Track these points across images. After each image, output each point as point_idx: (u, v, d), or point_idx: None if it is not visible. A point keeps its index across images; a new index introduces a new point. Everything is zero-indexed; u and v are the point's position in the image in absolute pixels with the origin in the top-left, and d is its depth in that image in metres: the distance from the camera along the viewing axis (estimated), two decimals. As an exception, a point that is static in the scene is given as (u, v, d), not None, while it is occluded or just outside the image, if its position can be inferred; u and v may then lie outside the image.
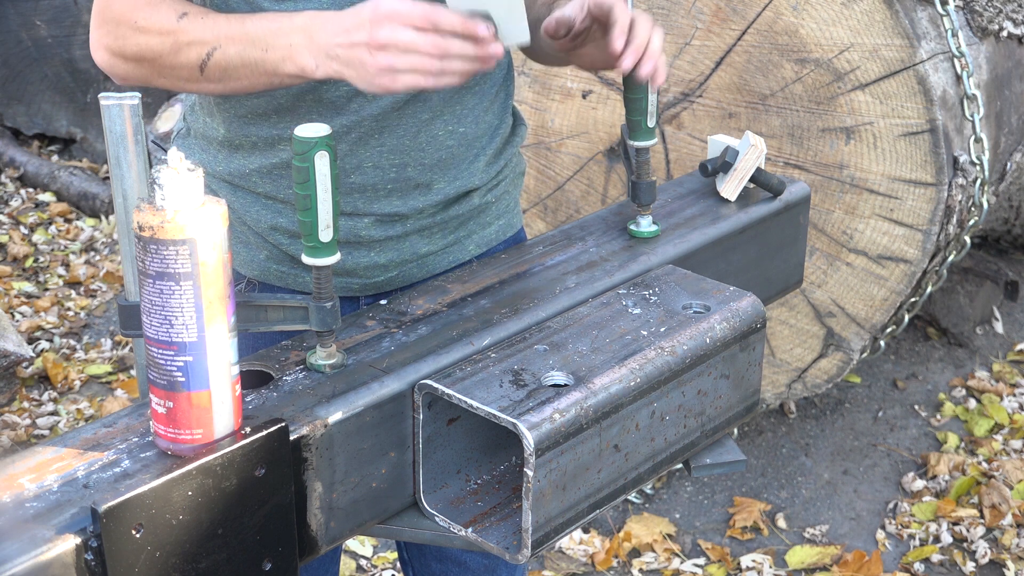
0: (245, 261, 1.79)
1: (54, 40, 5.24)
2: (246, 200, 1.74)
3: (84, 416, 3.72)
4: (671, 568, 3.13)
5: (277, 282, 1.79)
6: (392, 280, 1.78)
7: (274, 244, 1.75)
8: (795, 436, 3.61)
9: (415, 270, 1.78)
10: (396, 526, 1.50)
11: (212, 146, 1.76)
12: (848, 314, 3.13)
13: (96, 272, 4.55)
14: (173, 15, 1.57)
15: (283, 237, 1.74)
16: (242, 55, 1.54)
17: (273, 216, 1.73)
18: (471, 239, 1.82)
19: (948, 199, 3.00)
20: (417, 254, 1.77)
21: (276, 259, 1.77)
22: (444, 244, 1.79)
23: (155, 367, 1.27)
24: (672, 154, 3.16)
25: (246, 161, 1.72)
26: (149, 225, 1.22)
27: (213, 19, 1.57)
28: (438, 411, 1.47)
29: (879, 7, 2.90)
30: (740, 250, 1.87)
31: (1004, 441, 3.61)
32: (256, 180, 1.72)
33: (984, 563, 3.15)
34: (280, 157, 1.70)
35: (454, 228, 1.80)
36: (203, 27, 1.56)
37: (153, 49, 1.59)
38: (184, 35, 1.57)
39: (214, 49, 1.55)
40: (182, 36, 1.57)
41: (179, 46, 1.57)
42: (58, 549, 1.18)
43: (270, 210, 1.73)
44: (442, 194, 1.75)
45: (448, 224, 1.78)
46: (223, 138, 1.73)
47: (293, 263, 1.76)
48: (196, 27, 1.56)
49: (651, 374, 1.48)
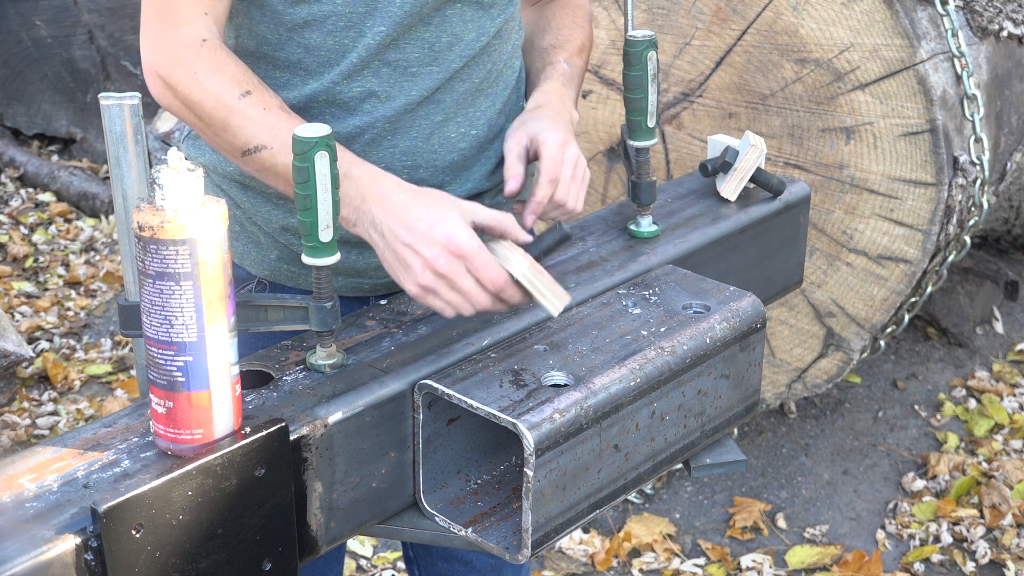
0: (256, 261, 1.79)
1: (54, 40, 5.24)
2: (257, 200, 1.73)
3: (84, 416, 3.72)
4: (671, 568, 3.13)
5: (288, 282, 1.79)
6: None
7: (284, 244, 1.75)
8: (795, 436, 3.61)
9: None
10: (396, 526, 1.50)
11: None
12: (848, 314, 3.13)
13: (96, 272, 4.55)
14: (236, 89, 1.53)
15: (294, 237, 1.74)
16: (289, 170, 1.44)
17: (284, 216, 1.73)
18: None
19: (948, 199, 3.00)
20: None
21: (287, 259, 1.77)
22: None
23: (155, 367, 1.27)
24: (672, 154, 3.16)
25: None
26: (149, 225, 1.22)
27: (275, 115, 1.53)
28: (438, 411, 1.47)
29: (879, 7, 2.90)
30: (740, 250, 1.87)
31: (1004, 441, 3.60)
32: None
33: (984, 563, 3.15)
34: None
35: None
36: (262, 120, 1.52)
37: (205, 110, 1.54)
38: (239, 118, 1.53)
39: (265, 148, 1.53)
40: (237, 118, 1.53)
41: (231, 126, 1.53)
42: (58, 549, 1.18)
43: (281, 210, 1.73)
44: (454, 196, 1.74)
45: None
46: None
47: (303, 263, 1.76)
48: (254, 117, 1.52)
49: (651, 374, 1.48)
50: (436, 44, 1.67)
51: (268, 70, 1.67)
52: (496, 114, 1.76)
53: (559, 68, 1.79)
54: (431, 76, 1.67)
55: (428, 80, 1.67)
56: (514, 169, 1.65)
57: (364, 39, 1.63)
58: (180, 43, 1.54)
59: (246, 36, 1.68)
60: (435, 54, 1.67)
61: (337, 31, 1.63)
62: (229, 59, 1.55)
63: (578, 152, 1.67)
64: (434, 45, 1.66)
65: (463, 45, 1.68)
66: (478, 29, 1.69)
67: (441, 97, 1.69)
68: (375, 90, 1.66)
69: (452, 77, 1.69)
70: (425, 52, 1.66)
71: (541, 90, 1.75)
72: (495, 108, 1.76)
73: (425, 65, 1.67)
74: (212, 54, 1.54)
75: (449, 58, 1.68)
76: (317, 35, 1.63)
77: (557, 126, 1.66)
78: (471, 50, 1.69)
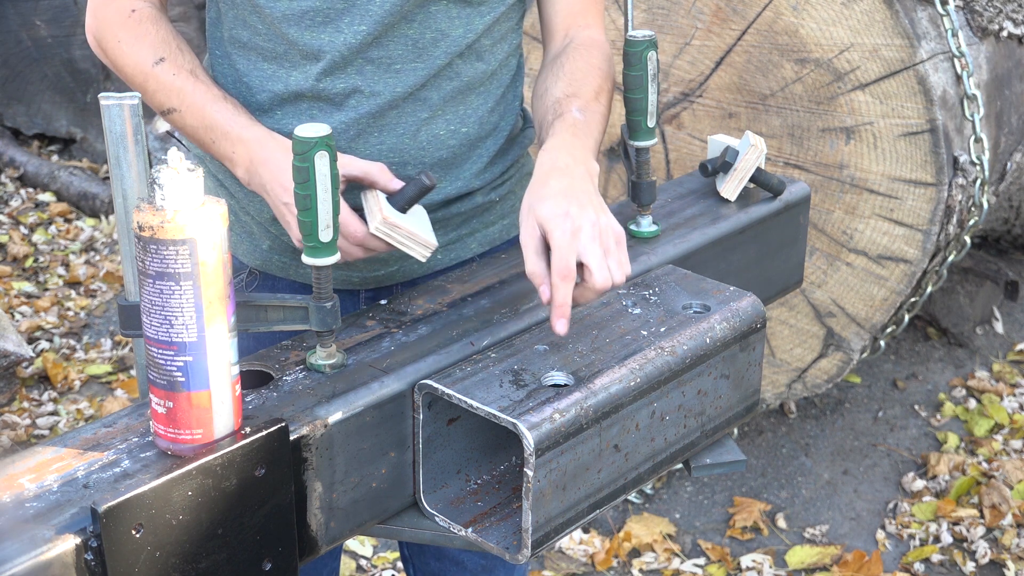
0: (248, 251, 1.80)
1: (54, 40, 5.24)
2: (249, 192, 1.74)
3: (84, 416, 3.72)
4: (671, 568, 3.13)
5: (279, 272, 1.79)
6: (392, 275, 1.78)
7: (276, 234, 1.76)
8: (795, 436, 3.61)
9: (416, 265, 1.78)
10: (396, 526, 1.50)
11: None
12: (848, 314, 3.13)
13: (96, 272, 4.55)
14: (151, 56, 1.66)
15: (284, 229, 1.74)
16: (196, 132, 1.66)
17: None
18: (473, 237, 1.82)
19: (948, 199, 3.00)
20: None
21: (278, 250, 1.78)
22: (446, 241, 1.79)
23: (155, 367, 1.27)
24: (672, 154, 3.15)
25: None
26: (149, 225, 1.22)
27: (183, 81, 1.65)
28: (438, 411, 1.47)
29: (879, 7, 2.90)
30: (740, 250, 1.87)
31: (1004, 441, 3.60)
32: None
33: (984, 563, 3.15)
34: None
35: (456, 225, 1.80)
36: (171, 85, 1.65)
37: (127, 74, 1.69)
38: (154, 82, 1.66)
39: (175, 111, 1.66)
40: (152, 83, 1.66)
41: (147, 89, 1.66)
42: (58, 549, 1.18)
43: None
44: (443, 193, 1.75)
45: (450, 221, 1.78)
46: None
47: (295, 254, 1.77)
48: (166, 81, 1.65)
49: (651, 374, 1.48)
50: (420, 41, 1.66)
51: (257, 61, 1.69)
52: (488, 112, 1.76)
53: (569, 119, 1.63)
54: (415, 73, 1.67)
55: (412, 76, 1.67)
56: (536, 272, 1.48)
57: (342, 36, 1.64)
58: (112, 11, 1.69)
59: (241, 27, 1.70)
60: (419, 51, 1.67)
61: (315, 26, 1.64)
62: (153, 28, 1.67)
63: (592, 226, 1.48)
64: (418, 42, 1.66)
65: (449, 42, 1.68)
66: (465, 26, 1.69)
67: (427, 94, 1.69)
68: (359, 86, 1.66)
69: (438, 74, 1.69)
70: (409, 49, 1.66)
71: (549, 147, 1.59)
72: (487, 106, 1.75)
73: (409, 62, 1.67)
74: (137, 24, 1.67)
75: (434, 55, 1.67)
76: (296, 30, 1.65)
77: (567, 204, 1.48)
78: (457, 47, 1.69)
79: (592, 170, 1.57)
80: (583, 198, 1.49)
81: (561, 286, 1.45)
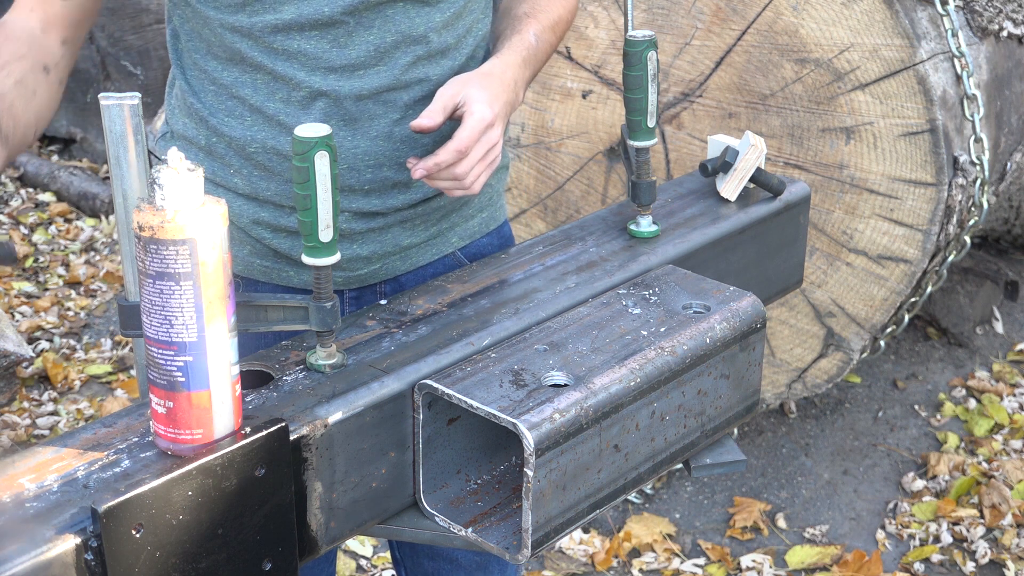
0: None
1: (54, 40, 5.24)
2: (227, 196, 1.73)
3: (84, 416, 3.72)
4: (671, 568, 3.13)
5: (261, 277, 1.78)
6: (375, 273, 1.78)
7: (256, 239, 1.75)
8: (795, 436, 3.61)
9: (398, 262, 1.78)
10: (396, 526, 1.50)
11: (192, 147, 1.75)
12: (848, 314, 3.13)
13: (96, 272, 4.55)
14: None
15: (265, 231, 1.73)
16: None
17: (255, 210, 1.72)
18: (454, 231, 1.82)
19: (948, 199, 3.00)
20: (399, 246, 1.77)
21: (259, 254, 1.76)
22: (427, 236, 1.79)
23: (155, 367, 1.27)
24: (672, 154, 3.16)
25: (223, 162, 1.72)
26: (149, 225, 1.22)
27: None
28: (438, 411, 1.47)
29: (879, 7, 2.90)
30: (740, 250, 1.87)
31: (1004, 441, 3.61)
32: (237, 181, 1.72)
33: (984, 563, 3.15)
34: (255, 159, 1.69)
35: (436, 220, 1.79)
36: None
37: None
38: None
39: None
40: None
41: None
42: (58, 549, 1.18)
43: (251, 204, 1.72)
44: (421, 192, 1.74)
45: (430, 216, 1.78)
46: (203, 140, 1.73)
47: (276, 257, 1.76)
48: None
49: (651, 374, 1.48)
50: (381, 45, 1.66)
51: (240, 74, 1.68)
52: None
53: (526, 40, 1.72)
54: (379, 76, 1.66)
55: (377, 79, 1.66)
56: (433, 111, 1.59)
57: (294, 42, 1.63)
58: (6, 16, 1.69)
59: (218, 47, 1.68)
60: (381, 55, 1.66)
61: (265, 35, 1.63)
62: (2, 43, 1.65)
63: (499, 138, 1.62)
64: (379, 47, 1.66)
65: (410, 42, 1.67)
66: (426, 24, 1.67)
67: (395, 96, 1.68)
68: (324, 90, 1.65)
69: (404, 74, 1.68)
70: (371, 54, 1.66)
71: (499, 59, 1.68)
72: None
73: (371, 66, 1.66)
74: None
75: (396, 56, 1.67)
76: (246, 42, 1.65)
77: (494, 103, 1.61)
78: (421, 46, 1.68)
79: (518, 101, 1.70)
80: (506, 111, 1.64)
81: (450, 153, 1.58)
